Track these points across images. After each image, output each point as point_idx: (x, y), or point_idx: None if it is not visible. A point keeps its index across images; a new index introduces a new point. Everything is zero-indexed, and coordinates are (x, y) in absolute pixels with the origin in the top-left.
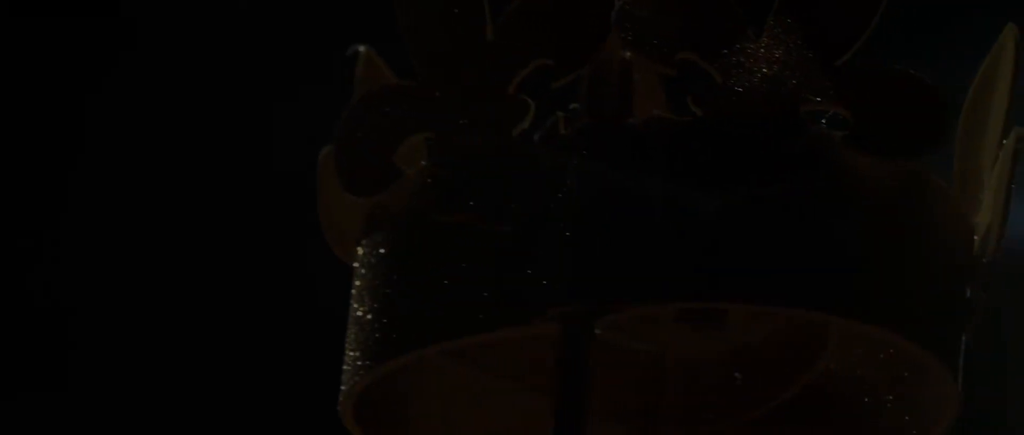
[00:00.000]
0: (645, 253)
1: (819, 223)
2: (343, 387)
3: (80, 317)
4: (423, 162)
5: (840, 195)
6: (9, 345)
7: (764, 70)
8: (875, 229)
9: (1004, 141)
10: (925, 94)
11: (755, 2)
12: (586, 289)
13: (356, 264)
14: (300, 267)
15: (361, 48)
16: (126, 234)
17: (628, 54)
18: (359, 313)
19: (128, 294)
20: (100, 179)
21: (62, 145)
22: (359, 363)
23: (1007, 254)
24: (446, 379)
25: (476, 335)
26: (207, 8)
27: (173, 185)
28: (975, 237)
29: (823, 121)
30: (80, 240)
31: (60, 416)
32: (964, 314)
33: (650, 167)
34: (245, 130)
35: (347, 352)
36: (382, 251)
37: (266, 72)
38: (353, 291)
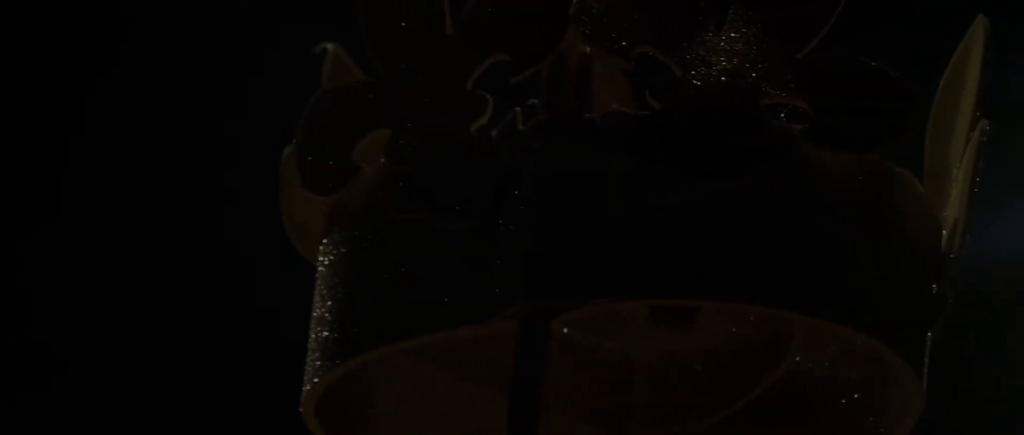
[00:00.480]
0: (601, 250)
1: (780, 218)
2: (305, 387)
3: (72, 317)
4: (382, 159)
5: (802, 190)
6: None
7: (724, 63)
8: (838, 224)
9: (972, 134)
10: (888, 86)
11: None
12: (542, 287)
13: (318, 263)
14: (297, 265)
15: (329, 46)
16: (118, 234)
17: (588, 49)
18: (319, 312)
19: (124, 293)
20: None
21: (54, 145)
22: (318, 363)
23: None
24: (412, 379)
25: (433, 335)
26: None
27: (167, 184)
28: (944, 232)
29: (782, 115)
30: (72, 240)
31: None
32: (930, 311)
33: (608, 163)
34: (243, 130)
35: (308, 352)
36: (342, 250)
37: (261, 70)
38: (315, 290)
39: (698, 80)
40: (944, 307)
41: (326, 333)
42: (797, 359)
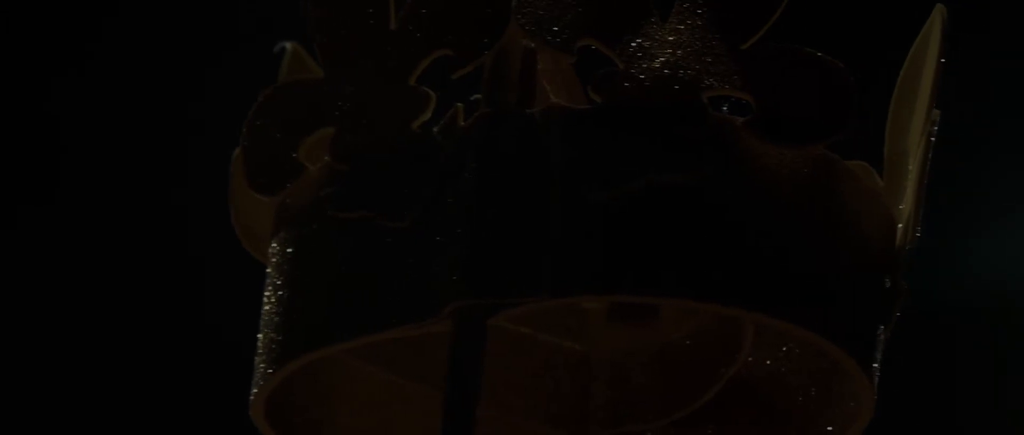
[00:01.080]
0: (539, 247)
1: (721, 212)
2: (253, 389)
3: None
4: (326, 157)
5: (744, 183)
6: None
7: (667, 55)
8: (781, 218)
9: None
10: (832, 77)
11: None
12: (477, 285)
13: (268, 264)
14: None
15: (288, 45)
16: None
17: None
18: (266, 314)
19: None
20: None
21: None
22: (263, 366)
23: None
24: (374, 382)
25: (371, 336)
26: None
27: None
28: (899, 225)
29: (725, 108)
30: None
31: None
32: (883, 307)
33: (547, 157)
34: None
35: (256, 354)
36: (288, 250)
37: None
38: (264, 291)
39: (639, 72)
40: (898, 302)
41: (272, 335)
42: (749, 357)
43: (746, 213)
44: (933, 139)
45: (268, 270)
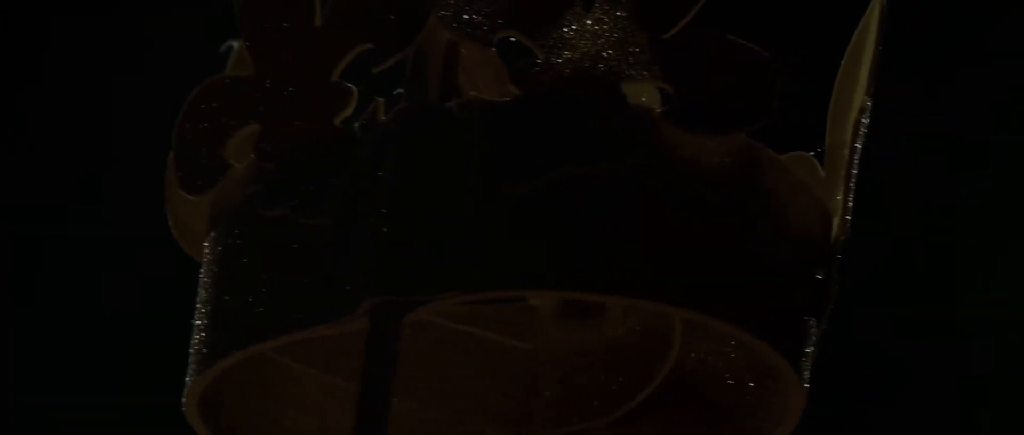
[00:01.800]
0: (453, 242)
1: (639, 203)
2: (185, 388)
3: None
4: (251, 155)
5: (663, 174)
6: None
7: (587, 46)
8: (702, 209)
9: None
10: (752, 64)
11: None
12: (391, 282)
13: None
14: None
15: (234, 44)
16: None
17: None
18: (198, 314)
19: None
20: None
21: None
22: (193, 366)
23: None
24: (308, 382)
25: (291, 335)
26: None
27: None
28: (835, 218)
29: (644, 98)
30: None
31: None
32: (813, 300)
33: (465, 151)
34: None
35: (189, 353)
36: (218, 249)
37: None
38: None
39: (560, 64)
40: (832, 295)
41: (201, 335)
42: (692, 353)
43: (665, 204)
44: (863, 129)
45: (201, 269)
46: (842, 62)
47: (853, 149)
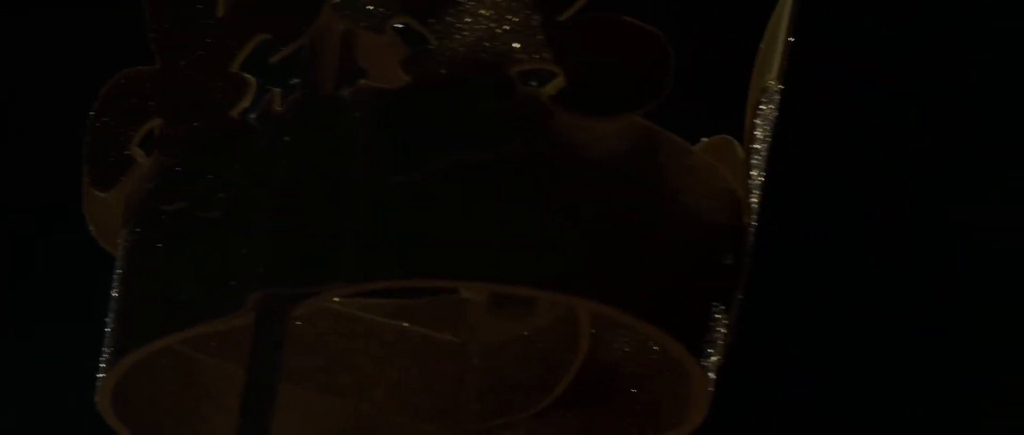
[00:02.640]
0: (340, 232)
1: (528, 190)
2: (97, 385)
3: None
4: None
5: (554, 159)
6: None
7: (480, 30)
8: (594, 194)
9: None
10: (647, 46)
11: None
12: (278, 275)
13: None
14: None
15: None
16: None
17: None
18: (110, 309)
19: None
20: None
21: None
22: (103, 363)
23: None
24: (233, 378)
25: (181, 333)
26: None
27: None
28: (751, 201)
29: (534, 83)
30: None
31: None
32: (719, 286)
33: (354, 140)
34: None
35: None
36: (126, 245)
37: None
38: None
39: (451, 49)
40: (741, 280)
41: (110, 330)
42: (586, 343)
43: (555, 191)
44: (767, 113)
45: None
46: (759, 52)
47: (751, 133)
